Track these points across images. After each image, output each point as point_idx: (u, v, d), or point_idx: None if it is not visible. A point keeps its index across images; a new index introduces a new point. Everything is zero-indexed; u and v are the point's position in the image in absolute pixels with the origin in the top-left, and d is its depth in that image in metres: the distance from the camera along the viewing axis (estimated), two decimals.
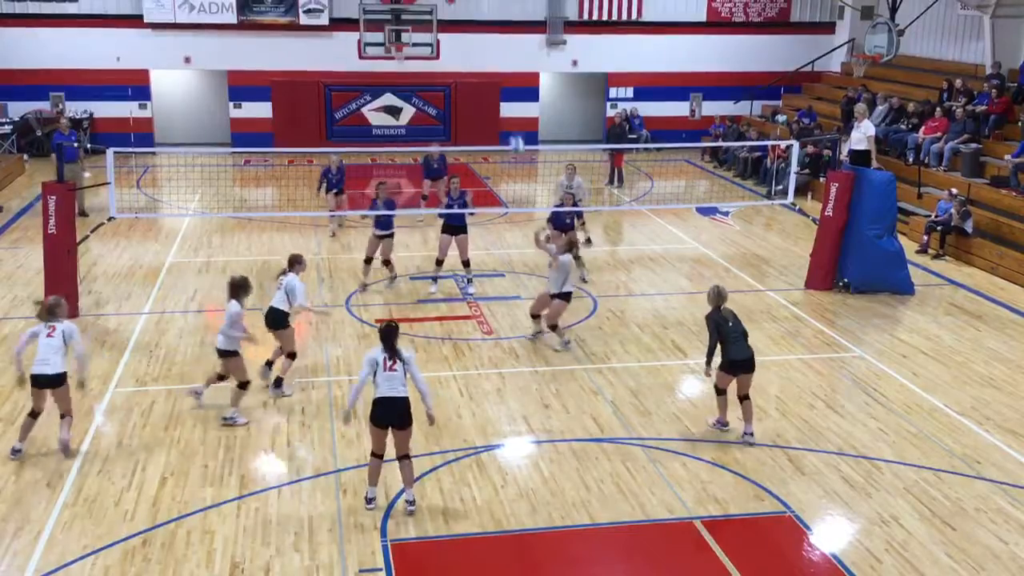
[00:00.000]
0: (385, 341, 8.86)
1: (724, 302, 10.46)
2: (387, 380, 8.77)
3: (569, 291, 12.77)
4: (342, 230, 18.92)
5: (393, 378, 8.77)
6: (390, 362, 8.79)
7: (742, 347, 10.26)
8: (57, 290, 13.75)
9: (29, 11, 26.32)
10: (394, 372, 8.78)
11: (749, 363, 10.30)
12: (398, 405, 8.77)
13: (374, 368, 8.80)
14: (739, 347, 10.25)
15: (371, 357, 8.86)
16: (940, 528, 8.88)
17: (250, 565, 8.13)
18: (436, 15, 27.25)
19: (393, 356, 8.80)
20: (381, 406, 8.78)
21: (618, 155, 24.11)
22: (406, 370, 8.82)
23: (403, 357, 8.83)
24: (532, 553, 8.57)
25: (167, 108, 28.47)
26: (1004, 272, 16.82)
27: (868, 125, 17.01)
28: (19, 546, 8.34)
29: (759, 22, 29.62)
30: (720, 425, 10.70)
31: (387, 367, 8.78)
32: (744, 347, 10.27)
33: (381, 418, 8.81)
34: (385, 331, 8.91)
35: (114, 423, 10.69)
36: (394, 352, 8.82)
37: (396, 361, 8.79)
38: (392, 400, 8.75)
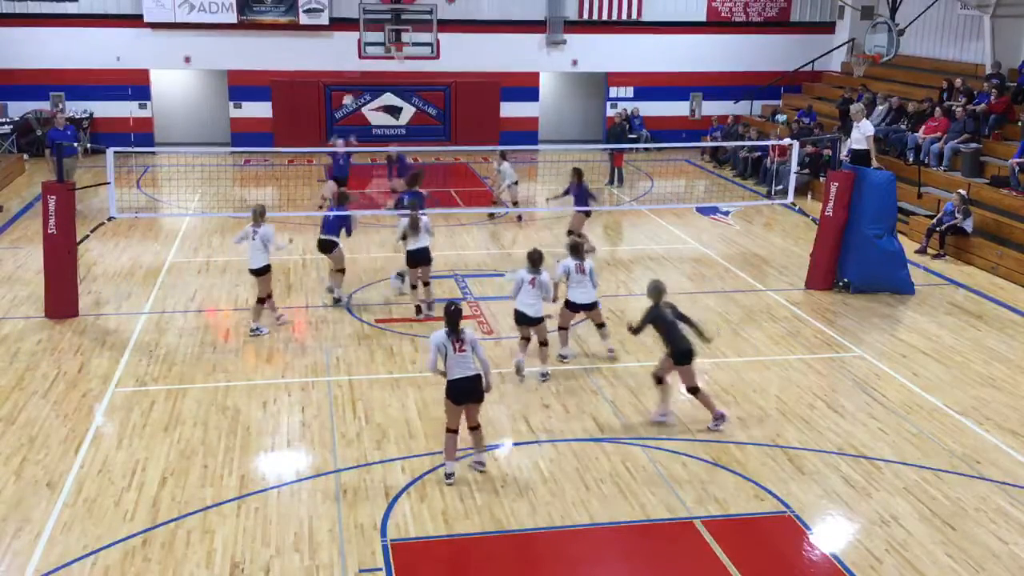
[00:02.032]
0: (452, 323, 9.20)
1: (663, 297, 10.58)
2: (459, 362, 9.20)
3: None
4: None
5: (465, 359, 9.21)
6: (458, 344, 9.16)
7: (681, 339, 10.45)
8: (57, 290, 13.83)
9: (29, 11, 26.32)
10: (464, 353, 9.19)
11: (688, 354, 10.45)
12: (473, 383, 9.27)
13: (442, 351, 9.17)
14: (679, 340, 10.44)
15: (437, 341, 9.20)
16: (940, 528, 8.88)
17: (250, 565, 8.13)
18: (436, 15, 27.26)
19: (460, 337, 9.16)
20: (459, 387, 9.24)
21: (618, 155, 24.12)
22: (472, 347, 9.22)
23: (470, 337, 9.21)
24: (532, 553, 8.57)
25: (167, 108, 28.47)
26: (1004, 272, 16.82)
27: (867, 125, 17.01)
28: (19, 546, 8.34)
29: (759, 22, 29.63)
30: (662, 417, 10.79)
31: (457, 349, 9.17)
32: (682, 339, 10.46)
33: (460, 397, 9.29)
34: (453, 313, 9.25)
35: (114, 423, 10.69)
36: (460, 333, 9.19)
37: (464, 342, 9.16)
38: (468, 379, 9.24)
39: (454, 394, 9.28)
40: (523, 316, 11.76)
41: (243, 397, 11.38)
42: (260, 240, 12.84)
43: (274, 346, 13.05)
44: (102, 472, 9.60)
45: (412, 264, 13.86)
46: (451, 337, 9.18)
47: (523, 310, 11.72)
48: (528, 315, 11.69)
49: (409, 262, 13.88)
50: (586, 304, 12.18)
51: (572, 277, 11.97)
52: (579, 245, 12.19)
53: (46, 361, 12.36)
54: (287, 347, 13.02)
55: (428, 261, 13.92)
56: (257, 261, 12.94)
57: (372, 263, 16.85)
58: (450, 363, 9.19)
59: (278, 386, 11.73)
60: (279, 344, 13.12)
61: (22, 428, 10.49)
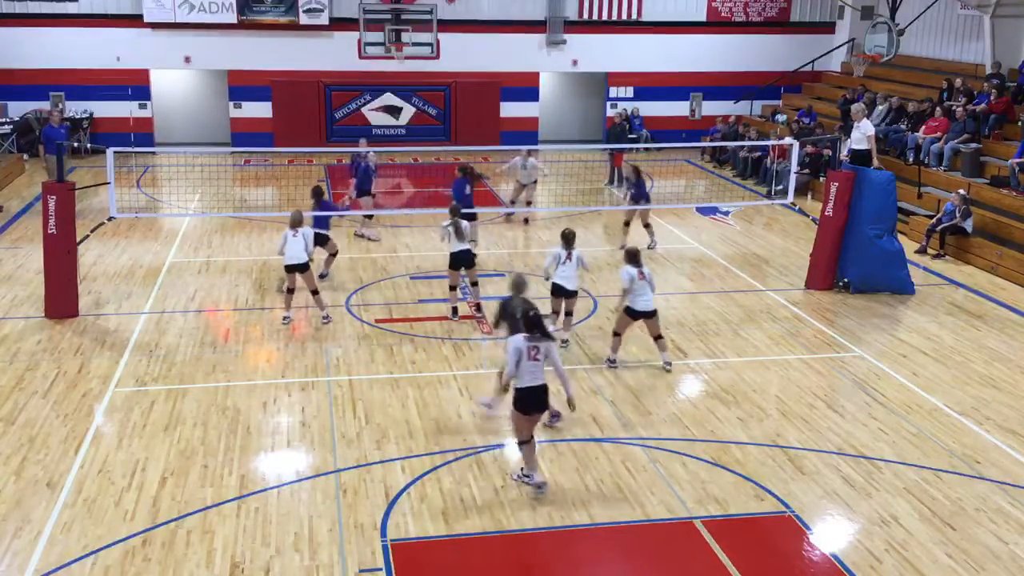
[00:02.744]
0: (535, 327, 9.05)
1: (521, 292, 10.46)
2: (531, 370, 9.00)
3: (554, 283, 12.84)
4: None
5: (536, 367, 9.02)
6: (534, 351, 8.98)
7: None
8: (57, 290, 13.83)
9: (29, 11, 26.31)
10: (537, 361, 9.02)
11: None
12: (541, 392, 9.08)
13: (520, 356, 8.97)
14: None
15: (516, 346, 9.02)
16: (940, 528, 8.88)
17: (250, 565, 8.13)
18: (436, 15, 27.24)
19: (538, 343, 8.98)
20: (529, 395, 9.04)
21: (618, 155, 24.12)
22: (547, 357, 9.02)
23: (546, 346, 9.03)
24: (532, 553, 8.57)
25: (167, 108, 28.47)
26: (1004, 272, 16.82)
27: (867, 124, 17.00)
28: (19, 546, 8.35)
29: (759, 22, 29.62)
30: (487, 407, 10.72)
31: (531, 356, 8.98)
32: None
33: (530, 407, 9.08)
34: (533, 319, 9.12)
35: (114, 423, 10.69)
36: (545, 336, 9.03)
37: (540, 350, 8.97)
38: (539, 388, 9.04)
39: (523, 403, 9.02)
40: (561, 289, 12.64)
41: (243, 397, 11.38)
42: (302, 237, 13.37)
43: (274, 346, 13.06)
44: (102, 472, 9.60)
45: (454, 266, 13.90)
46: (529, 343, 8.97)
47: (562, 283, 12.61)
48: (567, 288, 12.63)
49: (451, 264, 13.91)
50: (648, 312, 11.95)
51: (634, 284, 11.82)
52: (637, 252, 12.06)
53: (46, 361, 12.36)
54: (287, 347, 13.02)
55: (471, 263, 13.94)
56: (300, 257, 13.37)
57: (372, 263, 16.85)
58: (521, 370, 8.96)
59: (278, 386, 11.73)
60: (279, 344, 13.13)
61: (22, 428, 10.49)
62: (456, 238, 13.71)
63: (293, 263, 13.44)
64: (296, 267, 13.48)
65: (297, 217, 13.63)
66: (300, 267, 13.48)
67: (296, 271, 13.52)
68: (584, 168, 25.20)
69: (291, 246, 13.40)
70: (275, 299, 14.97)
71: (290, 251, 13.39)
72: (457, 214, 13.92)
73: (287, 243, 13.42)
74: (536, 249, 18.16)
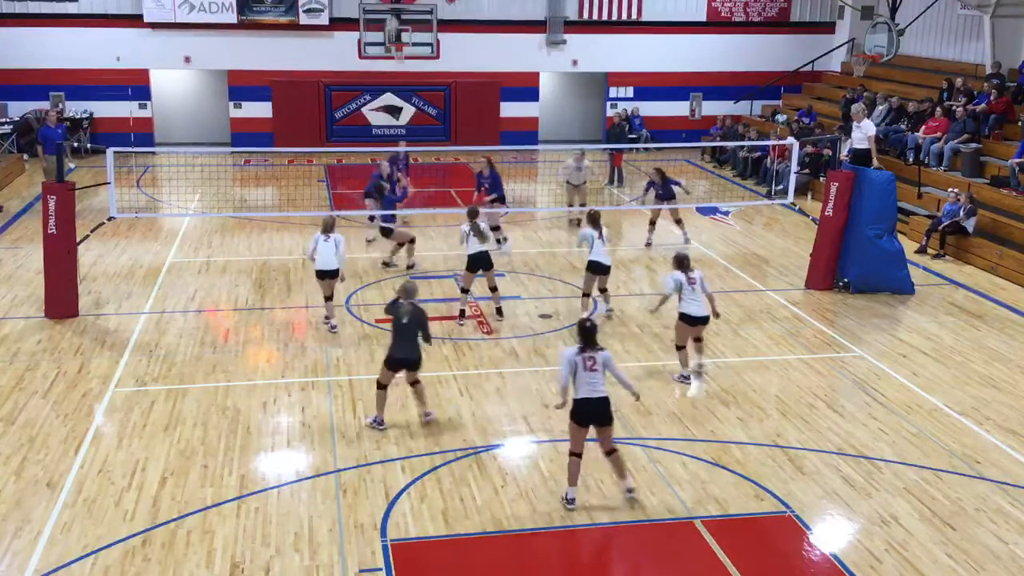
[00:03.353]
0: (588, 338, 8.91)
1: (408, 297, 10.32)
2: (588, 381, 8.85)
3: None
4: None
5: (595, 378, 8.86)
6: (590, 361, 8.84)
7: (403, 347, 10.17)
8: (57, 290, 13.83)
9: (29, 11, 26.31)
10: (595, 371, 8.86)
11: (406, 362, 10.24)
12: (601, 404, 8.89)
13: (573, 368, 8.86)
14: (400, 346, 10.18)
15: (569, 357, 8.91)
16: (940, 528, 8.88)
17: (250, 565, 8.13)
18: (436, 15, 27.25)
19: (593, 354, 8.85)
20: (585, 407, 8.87)
21: (618, 155, 24.12)
22: (606, 368, 8.91)
23: (603, 357, 8.90)
24: (532, 553, 8.57)
25: (167, 108, 28.47)
26: (1004, 272, 16.82)
27: (868, 124, 17.02)
28: (19, 546, 8.35)
29: (759, 22, 29.62)
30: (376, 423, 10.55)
31: (588, 367, 8.84)
32: (404, 347, 10.16)
33: (584, 418, 8.91)
34: (588, 330, 8.95)
35: (114, 423, 10.69)
36: (595, 348, 8.90)
37: (596, 361, 8.84)
38: (595, 400, 8.85)
39: (578, 414, 8.88)
40: (600, 265, 13.60)
41: (243, 397, 11.38)
42: (334, 243, 13.09)
43: (274, 346, 13.06)
44: (102, 472, 9.60)
45: (471, 268, 13.76)
46: (583, 354, 8.87)
47: (600, 260, 13.56)
48: (604, 263, 13.61)
49: (469, 266, 13.77)
50: (702, 317, 11.70)
51: (684, 290, 11.64)
52: (685, 257, 11.82)
53: (46, 361, 12.36)
54: (287, 347, 13.02)
55: (488, 266, 13.76)
56: (330, 263, 13.09)
57: (372, 263, 16.85)
58: (578, 381, 8.84)
59: (278, 386, 11.73)
60: (279, 344, 13.13)
61: (22, 428, 10.49)
62: (476, 240, 13.62)
63: (323, 268, 13.14)
64: (327, 273, 13.18)
65: (329, 222, 13.26)
66: (331, 273, 13.20)
67: (327, 277, 13.23)
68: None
69: (321, 251, 13.07)
70: (275, 299, 14.98)
71: (320, 256, 13.07)
72: (475, 217, 13.84)
73: (317, 248, 13.08)
74: (536, 249, 18.15)
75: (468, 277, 13.88)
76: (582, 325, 9.08)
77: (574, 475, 9.10)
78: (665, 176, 18.24)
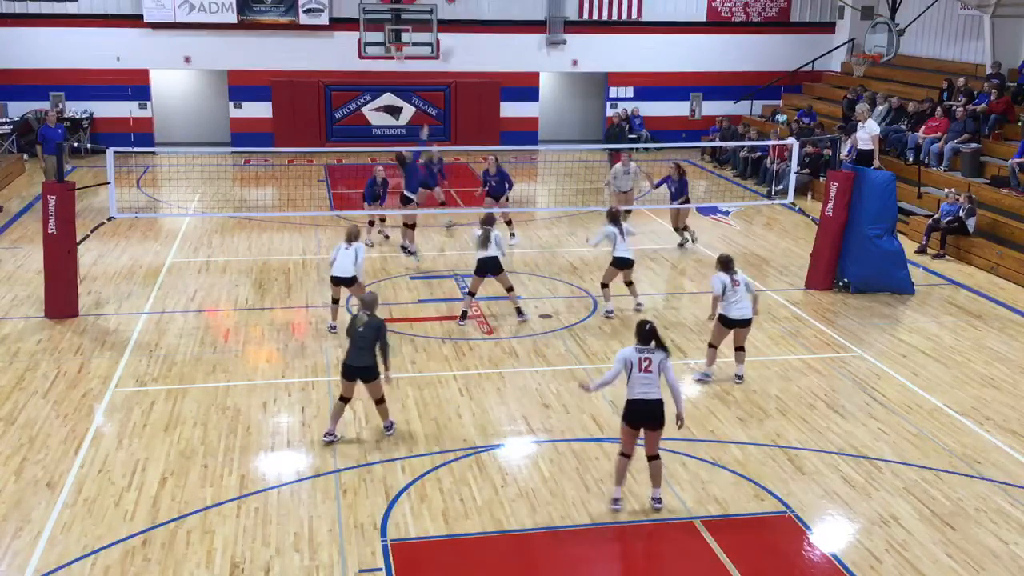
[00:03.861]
0: (648, 339, 8.81)
1: (367, 308, 10.04)
2: (642, 382, 8.75)
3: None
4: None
5: (649, 379, 8.75)
6: (646, 362, 8.76)
7: (355, 355, 9.91)
8: (57, 290, 13.82)
9: (29, 11, 26.31)
10: (649, 373, 8.75)
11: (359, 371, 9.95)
12: (653, 407, 8.78)
13: (627, 368, 8.78)
14: (354, 354, 9.92)
15: (624, 356, 8.83)
16: (940, 528, 8.88)
17: (250, 565, 8.13)
18: (436, 15, 27.25)
19: (651, 355, 8.76)
20: (636, 408, 8.79)
21: (617, 155, 24.09)
22: (660, 370, 8.80)
23: (659, 359, 8.79)
24: (532, 553, 8.57)
25: (167, 108, 28.47)
26: (1004, 272, 16.82)
27: (872, 125, 17.03)
28: (19, 546, 8.34)
29: (759, 22, 29.62)
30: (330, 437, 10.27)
31: (643, 368, 8.75)
32: (357, 355, 9.89)
33: (636, 420, 8.83)
34: (648, 332, 8.83)
35: (114, 423, 10.69)
36: (660, 346, 8.82)
37: (652, 362, 8.76)
38: (648, 403, 8.76)
39: (630, 415, 8.80)
40: (625, 260, 14.12)
41: (243, 397, 11.38)
42: (354, 252, 13.04)
43: (274, 346, 13.06)
44: (102, 472, 9.60)
45: (480, 272, 13.75)
46: (639, 355, 8.76)
47: (625, 255, 14.09)
48: (630, 258, 14.15)
49: (477, 270, 13.77)
50: (740, 320, 11.65)
51: (727, 292, 11.56)
52: (730, 259, 11.69)
53: (46, 361, 12.36)
54: (287, 347, 13.02)
55: (497, 271, 13.77)
56: (347, 270, 13.00)
57: (371, 264, 16.85)
58: (632, 382, 8.74)
59: (278, 386, 11.73)
60: (279, 344, 13.13)
61: (22, 428, 10.49)
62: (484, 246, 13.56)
63: (339, 275, 13.09)
64: (341, 280, 13.14)
65: (353, 232, 13.20)
66: (345, 280, 13.13)
67: (341, 284, 13.19)
68: (584, 168, 25.19)
69: (340, 259, 13.06)
70: (275, 299, 14.98)
71: (339, 264, 13.05)
72: (490, 223, 13.80)
73: (338, 255, 13.09)
74: (536, 249, 18.15)
75: (475, 281, 13.86)
76: (640, 326, 8.90)
77: (621, 475, 9.03)
78: (683, 173, 18.16)
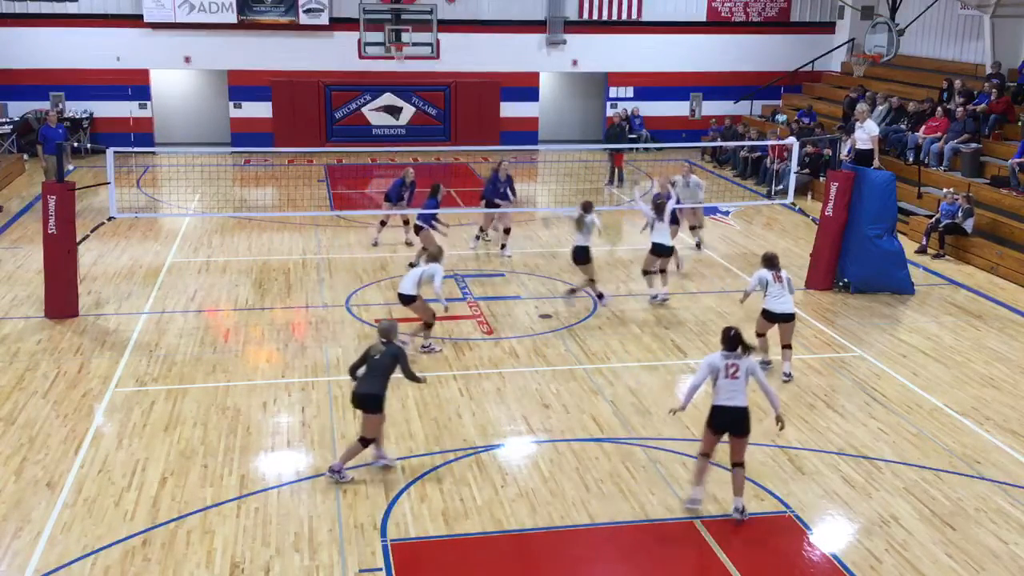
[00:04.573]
0: (734, 345, 8.78)
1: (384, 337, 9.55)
2: (728, 387, 8.72)
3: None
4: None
5: (735, 386, 8.71)
6: (732, 368, 8.72)
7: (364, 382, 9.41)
8: (57, 290, 13.82)
9: (29, 11, 26.31)
10: (736, 379, 8.71)
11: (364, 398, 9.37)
12: (739, 415, 8.76)
13: (714, 373, 8.75)
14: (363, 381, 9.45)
15: (711, 362, 8.80)
16: (940, 528, 8.88)
17: (250, 565, 8.13)
18: (436, 15, 27.26)
19: (737, 361, 8.73)
20: (721, 414, 8.78)
21: (618, 155, 24.12)
22: (749, 376, 8.76)
23: (747, 365, 8.76)
24: (532, 553, 8.57)
25: (167, 108, 28.47)
26: (1004, 272, 16.82)
27: (872, 125, 17.03)
28: (19, 546, 8.35)
29: (759, 22, 29.63)
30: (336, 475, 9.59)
31: (730, 374, 8.72)
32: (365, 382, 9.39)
33: (720, 426, 8.84)
34: (733, 338, 8.80)
35: (114, 423, 10.69)
36: (746, 350, 8.80)
37: (739, 368, 8.71)
38: (733, 409, 8.74)
39: (715, 420, 8.82)
40: (662, 247, 14.55)
41: (243, 397, 11.38)
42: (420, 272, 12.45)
43: (274, 346, 13.06)
44: (102, 472, 9.60)
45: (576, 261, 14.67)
46: (726, 360, 8.74)
47: (662, 241, 14.52)
48: (666, 245, 14.60)
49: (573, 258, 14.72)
50: (785, 314, 11.89)
51: (769, 287, 11.85)
52: (775, 256, 12.03)
53: (46, 361, 12.36)
54: (287, 347, 13.02)
55: (585, 260, 14.49)
56: (405, 288, 12.47)
57: (372, 263, 16.85)
58: (718, 387, 8.74)
59: (278, 386, 11.73)
60: (279, 344, 13.13)
61: (22, 428, 10.49)
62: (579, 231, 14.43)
63: (399, 292, 12.65)
64: (400, 296, 12.64)
65: (433, 252, 12.80)
66: (402, 298, 12.56)
67: (401, 301, 12.66)
68: (584, 168, 25.19)
69: (407, 276, 12.64)
70: (275, 299, 14.98)
71: (404, 280, 12.65)
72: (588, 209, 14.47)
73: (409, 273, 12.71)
74: (536, 249, 18.14)
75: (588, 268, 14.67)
76: (726, 332, 8.85)
77: (700, 474, 9.01)
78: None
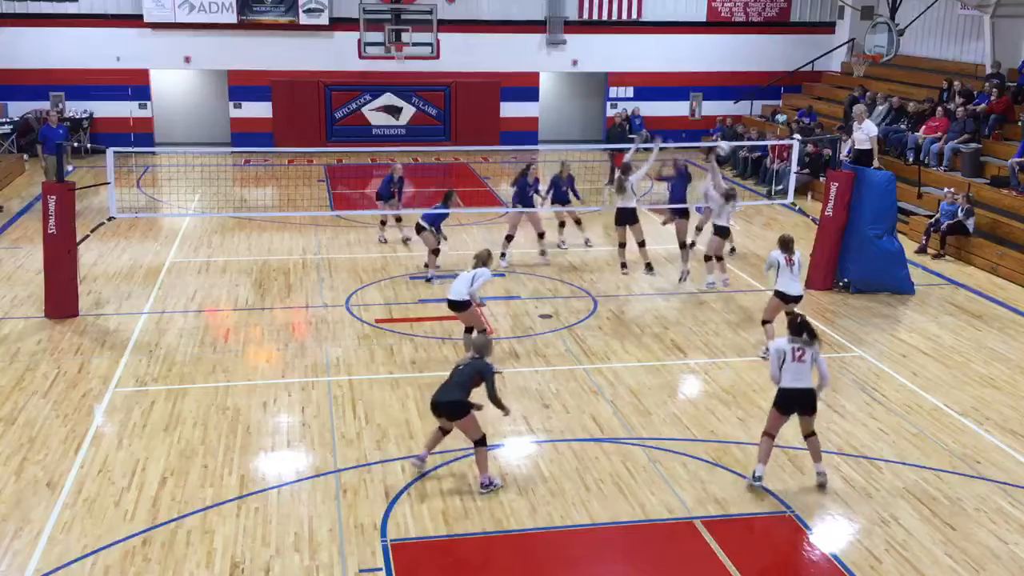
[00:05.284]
0: (800, 330, 9.26)
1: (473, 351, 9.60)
2: (794, 370, 9.22)
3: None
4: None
5: (801, 369, 9.20)
6: (799, 352, 9.19)
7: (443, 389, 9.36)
8: (57, 290, 13.82)
9: (29, 11, 26.31)
10: (802, 363, 9.20)
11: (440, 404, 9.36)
12: (806, 395, 9.25)
13: (782, 357, 9.25)
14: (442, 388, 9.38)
15: (778, 347, 9.34)
16: (940, 528, 8.88)
17: (250, 565, 8.13)
18: (436, 15, 27.24)
19: (804, 346, 9.18)
20: (788, 395, 9.28)
21: (618, 155, 24.08)
22: (813, 359, 9.21)
23: (812, 350, 9.21)
24: (532, 553, 8.57)
25: (167, 108, 28.46)
26: (1004, 272, 16.81)
27: (870, 125, 17.04)
28: (19, 546, 8.35)
29: (759, 22, 29.63)
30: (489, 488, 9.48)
31: (796, 357, 9.21)
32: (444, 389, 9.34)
33: (789, 407, 9.32)
34: (799, 325, 9.32)
35: (114, 423, 10.69)
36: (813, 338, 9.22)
37: (805, 352, 9.17)
38: (800, 391, 9.23)
39: (782, 401, 9.29)
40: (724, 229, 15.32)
41: (243, 397, 11.38)
42: (471, 276, 12.06)
43: (274, 346, 13.06)
44: (102, 472, 9.60)
45: (618, 222, 15.46)
46: (792, 344, 9.21)
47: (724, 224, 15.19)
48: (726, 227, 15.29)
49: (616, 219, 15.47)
50: (796, 296, 12.53)
51: (781, 269, 12.44)
52: (790, 240, 12.59)
53: (46, 361, 12.36)
54: (287, 347, 13.02)
55: (633, 221, 15.04)
56: (455, 292, 12.14)
57: (372, 263, 16.86)
58: (785, 370, 9.24)
59: (278, 386, 11.73)
60: (279, 344, 13.13)
61: (22, 428, 10.49)
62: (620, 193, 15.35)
63: (449, 298, 12.29)
64: (449, 303, 12.27)
65: (482, 256, 12.31)
66: (451, 303, 12.21)
67: (450, 307, 12.30)
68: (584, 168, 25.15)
69: (456, 281, 12.21)
70: (275, 299, 14.98)
71: (453, 285, 12.26)
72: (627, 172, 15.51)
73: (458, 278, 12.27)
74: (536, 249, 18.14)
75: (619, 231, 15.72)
76: (792, 318, 9.50)
77: (765, 453, 9.40)
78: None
